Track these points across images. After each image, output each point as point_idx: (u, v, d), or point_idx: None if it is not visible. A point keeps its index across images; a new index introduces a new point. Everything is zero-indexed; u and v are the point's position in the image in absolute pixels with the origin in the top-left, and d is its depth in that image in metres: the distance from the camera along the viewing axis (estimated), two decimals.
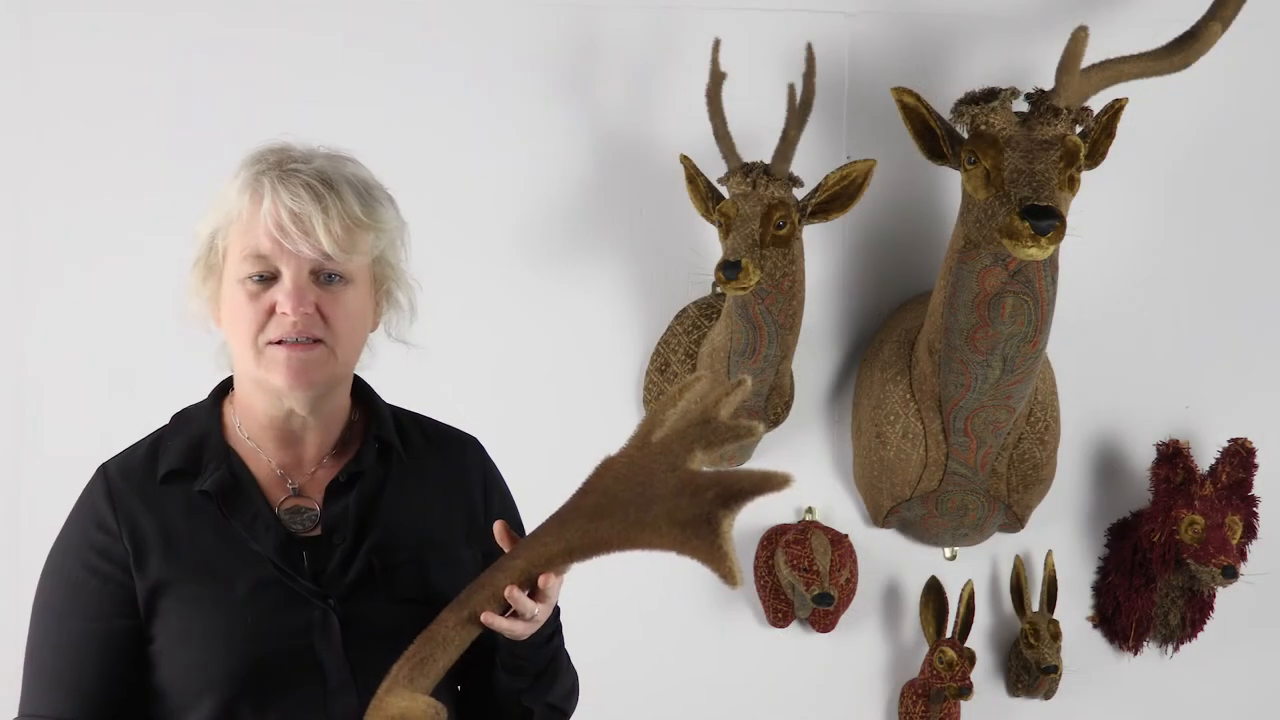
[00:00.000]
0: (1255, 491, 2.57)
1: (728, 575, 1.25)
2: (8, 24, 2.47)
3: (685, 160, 2.37)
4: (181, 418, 1.58)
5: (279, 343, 1.45)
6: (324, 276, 1.47)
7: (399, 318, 1.60)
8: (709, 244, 2.48)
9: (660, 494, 1.32)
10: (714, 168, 2.37)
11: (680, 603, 2.61)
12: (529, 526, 1.55)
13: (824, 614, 2.58)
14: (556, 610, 1.55)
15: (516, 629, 1.40)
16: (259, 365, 1.47)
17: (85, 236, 2.48)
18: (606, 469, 1.40)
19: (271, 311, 1.46)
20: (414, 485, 1.58)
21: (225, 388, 1.59)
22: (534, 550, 1.40)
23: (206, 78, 2.49)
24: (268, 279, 1.46)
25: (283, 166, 1.47)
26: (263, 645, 1.44)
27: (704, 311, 2.54)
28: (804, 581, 2.46)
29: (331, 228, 1.44)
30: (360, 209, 1.48)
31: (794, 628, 2.62)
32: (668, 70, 2.56)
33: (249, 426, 1.54)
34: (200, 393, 1.61)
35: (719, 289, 2.45)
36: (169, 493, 1.50)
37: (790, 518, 2.61)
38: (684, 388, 1.41)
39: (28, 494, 2.45)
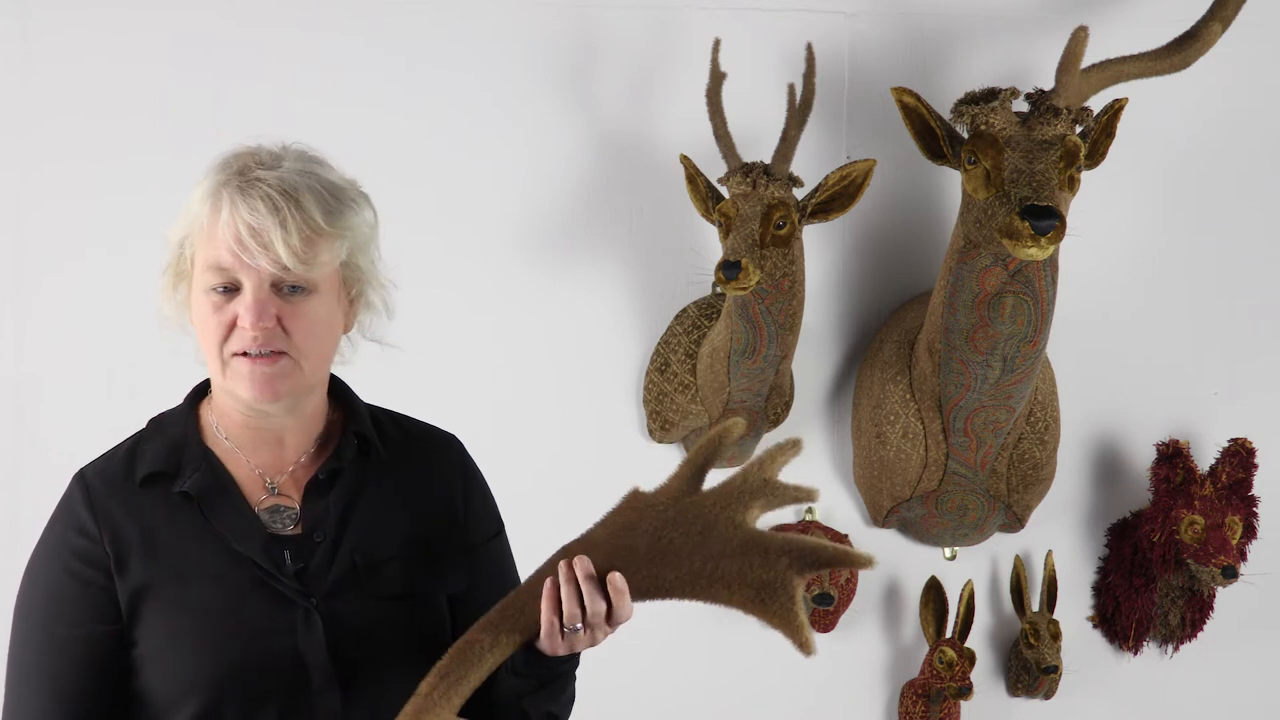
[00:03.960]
0: (1255, 491, 2.57)
1: (804, 645, 1.29)
2: (8, 24, 2.47)
3: (685, 160, 2.37)
4: (158, 422, 1.58)
5: (244, 355, 1.45)
6: (286, 288, 1.46)
7: (373, 318, 1.59)
8: (709, 244, 2.48)
9: (726, 550, 1.33)
10: (714, 168, 2.37)
11: (681, 603, 2.60)
12: (523, 526, 1.54)
13: (824, 614, 2.58)
14: None
15: (551, 649, 1.41)
16: (225, 377, 1.47)
17: (85, 235, 2.48)
18: (647, 507, 1.38)
19: (234, 324, 1.45)
20: (393, 483, 1.57)
21: (201, 391, 1.59)
22: None
23: (207, 76, 2.48)
24: (231, 290, 1.46)
25: (245, 176, 1.45)
26: (246, 647, 1.44)
27: (704, 311, 2.54)
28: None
29: (290, 241, 1.43)
30: (322, 217, 1.46)
31: None
32: (668, 70, 2.56)
33: (227, 428, 1.54)
34: None
35: (719, 289, 2.45)
36: (148, 496, 1.49)
37: (790, 518, 2.61)
38: (723, 432, 1.40)
39: (28, 494, 2.45)
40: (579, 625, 1.39)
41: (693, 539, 1.34)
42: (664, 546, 1.35)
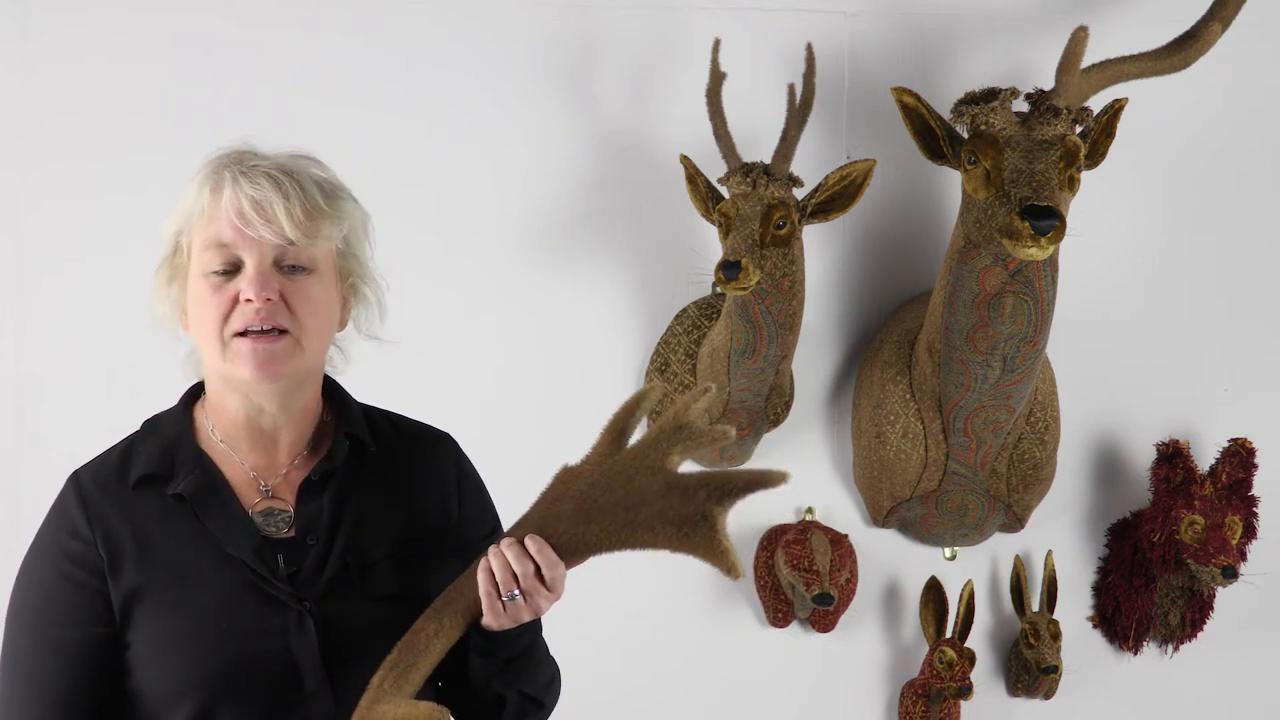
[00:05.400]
0: (1255, 491, 2.57)
1: (731, 569, 1.30)
2: (8, 24, 2.47)
3: (685, 160, 2.37)
4: (152, 423, 1.58)
5: (244, 334, 1.45)
6: (287, 267, 1.47)
7: (367, 314, 1.60)
8: (709, 244, 2.48)
9: (647, 496, 1.36)
10: (714, 168, 2.37)
11: (680, 603, 2.61)
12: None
13: (824, 614, 2.58)
14: None
15: (497, 622, 1.43)
16: (225, 358, 1.47)
17: (85, 235, 2.48)
18: (574, 477, 1.43)
19: (235, 301, 1.45)
20: (387, 483, 1.57)
21: (195, 393, 1.59)
22: None
23: (207, 76, 2.49)
24: (231, 273, 1.46)
25: (243, 162, 1.48)
26: (238, 649, 1.44)
27: (704, 311, 2.54)
28: (804, 581, 2.45)
29: (293, 213, 1.44)
30: (321, 199, 1.48)
31: (794, 628, 2.62)
32: (668, 70, 2.56)
33: (222, 428, 1.54)
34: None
35: (719, 289, 2.45)
36: (142, 498, 1.49)
37: (790, 518, 2.61)
38: (640, 397, 1.45)
39: (28, 494, 2.45)
40: (515, 592, 1.41)
41: (616, 494, 1.38)
42: (589, 507, 1.39)
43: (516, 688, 1.53)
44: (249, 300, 1.44)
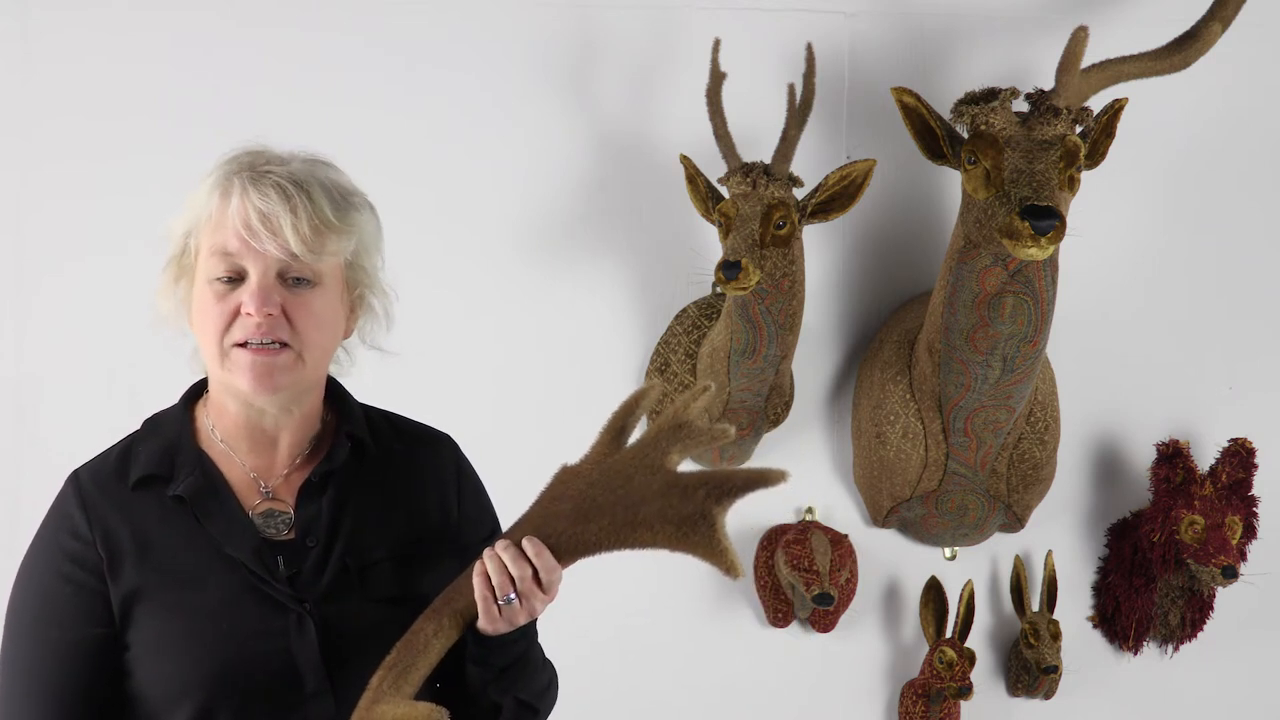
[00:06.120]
0: (1255, 491, 2.56)
1: (730, 568, 1.31)
2: (8, 24, 2.47)
3: (685, 160, 2.37)
4: (153, 423, 1.57)
5: (244, 345, 1.45)
6: (292, 280, 1.46)
7: (374, 324, 1.59)
8: (709, 244, 2.48)
9: (646, 495, 1.36)
10: (714, 168, 2.37)
11: (680, 603, 2.61)
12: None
13: (824, 614, 2.58)
14: None
15: (492, 626, 1.42)
16: (224, 367, 1.46)
17: (85, 235, 2.48)
18: (573, 476, 1.43)
19: (237, 313, 1.45)
20: (386, 483, 1.57)
21: (196, 392, 1.59)
22: None
23: (207, 76, 2.49)
24: (235, 281, 1.45)
25: (255, 168, 1.47)
26: (238, 651, 1.44)
27: (704, 311, 2.54)
28: (804, 581, 2.45)
29: (299, 228, 1.43)
30: (331, 211, 1.47)
31: (794, 628, 2.62)
32: (668, 70, 2.56)
33: (222, 429, 1.54)
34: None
35: (719, 289, 2.45)
36: (142, 499, 1.49)
37: (790, 518, 2.61)
38: (639, 396, 1.45)
39: (28, 494, 2.45)
40: (511, 595, 1.41)
41: (615, 493, 1.38)
42: (588, 506, 1.39)
43: (513, 694, 1.52)
44: (249, 314, 1.44)
